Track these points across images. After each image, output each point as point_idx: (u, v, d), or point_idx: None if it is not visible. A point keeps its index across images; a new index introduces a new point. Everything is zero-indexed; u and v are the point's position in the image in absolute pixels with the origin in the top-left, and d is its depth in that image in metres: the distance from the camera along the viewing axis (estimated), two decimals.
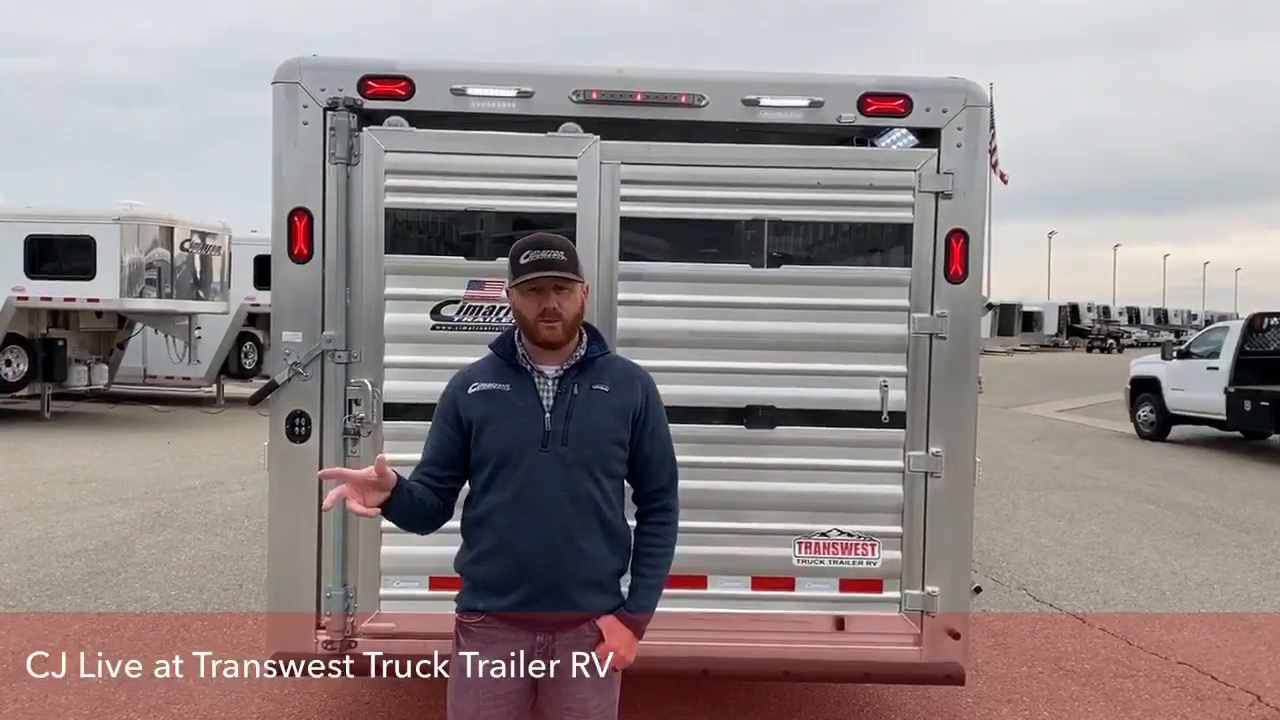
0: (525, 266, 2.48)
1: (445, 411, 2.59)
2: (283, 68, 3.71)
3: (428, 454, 2.60)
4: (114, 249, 14.34)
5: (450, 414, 2.57)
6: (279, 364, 3.73)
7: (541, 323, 2.48)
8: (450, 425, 2.56)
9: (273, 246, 3.75)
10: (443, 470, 2.57)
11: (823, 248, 3.91)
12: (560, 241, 2.55)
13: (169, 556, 7.28)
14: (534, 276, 2.46)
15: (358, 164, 3.66)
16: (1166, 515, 9.70)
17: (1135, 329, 63.27)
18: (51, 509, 8.92)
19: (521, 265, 2.49)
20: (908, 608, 3.84)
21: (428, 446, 2.61)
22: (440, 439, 2.59)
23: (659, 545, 2.63)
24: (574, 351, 2.57)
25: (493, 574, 2.49)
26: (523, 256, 2.49)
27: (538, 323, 2.49)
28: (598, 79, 3.78)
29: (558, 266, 2.48)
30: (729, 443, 3.80)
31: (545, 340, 2.51)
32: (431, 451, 2.60)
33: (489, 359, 2.62)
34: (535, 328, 2.50)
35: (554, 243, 2.53)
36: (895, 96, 3.78)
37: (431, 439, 2.61)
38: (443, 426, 2.58)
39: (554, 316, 2.48)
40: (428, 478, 2.56)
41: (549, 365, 2.55)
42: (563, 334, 2.51)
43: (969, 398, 3.84)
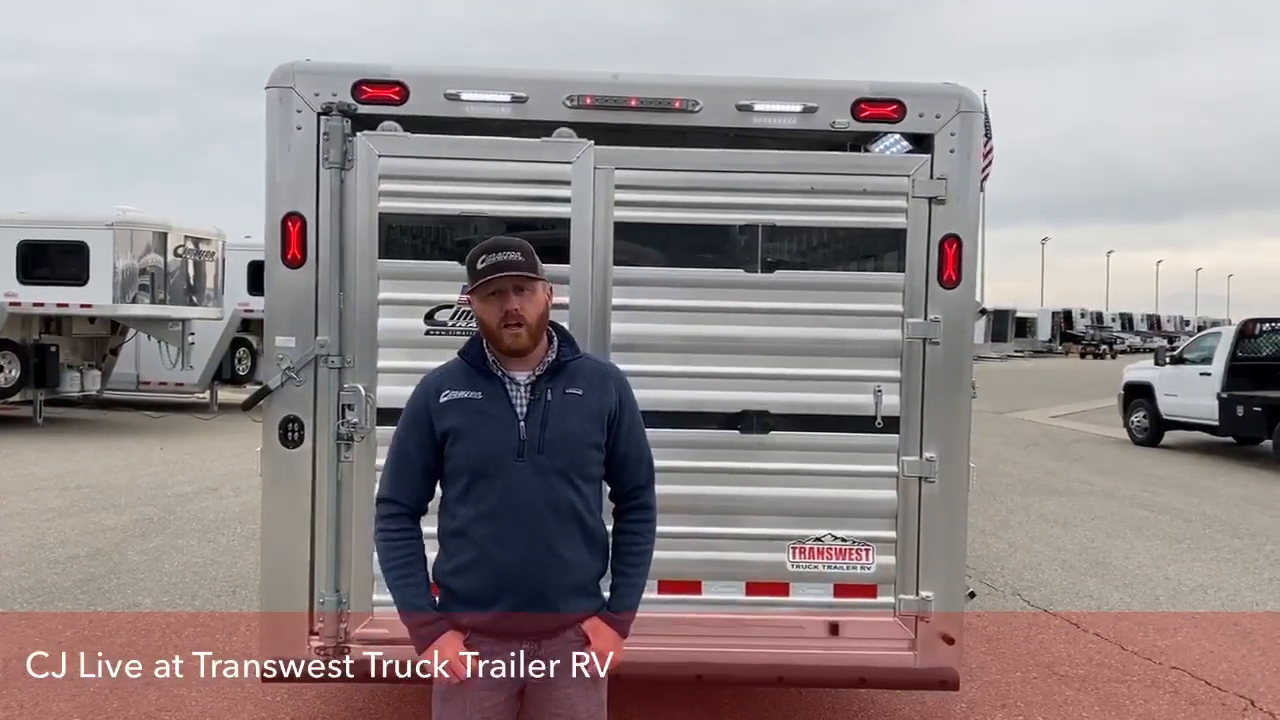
0: (482, 270, 2.44)
1: (418, 420, 2.53)
2: (276, 73, 3.71)
3: (403, 466, 2.54)
4: (107, 254, 14.30)
5: (423, 423, 2.51)
6: (272, 369, 3.72)
7: (505, 330, 2.45)
8: (424, 435, 2.51)
9: (266, 251, 3.74)
10: (423, 484, 2.55)
11: (816, 253, 3.91)
12: (516, 242, 2.51)
13: (161, 562, 7.25)
14: (492, 279, 2.43)
15: (352, 169, 3.66)
16: (1160, 520, 9.72)
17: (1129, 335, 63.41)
18: (43, 515, 8.88)
19: (479, 270, 2.45)
20: (902, 612, 3.83)
21: (401, 457, 2.55)
22: (415, 450, 2.53)
23: (639, 543, 2.63)
24: (544, 356, 2.53)
25: (474, 586, 2.46)
26: (479, 261, 2.46)
27: (501, 329, 2.45)
28: (592, 84, 3.78)
29: (515, 267, 2.44)
30: (723, 448, 3.79)
31: (510, 348, 2.47)
32: (408, 464, 2.53)
33: (459, 365, 2.56)
34: (499, 335, 2.46)
35: (510, 244, 2.50)
36: (889, 102, 3.79)
37: (404, 449, 2.55)
38: (416, 437, 2.53)
39: (517, 320, 2.44)
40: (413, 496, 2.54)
41: (520, 371, 2.51)
42: (528, 339, 2.47)
43: (963, 403, 3.85)
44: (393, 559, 2.51)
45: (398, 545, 2.52)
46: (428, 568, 2.55)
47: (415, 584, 2.50)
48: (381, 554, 2.54)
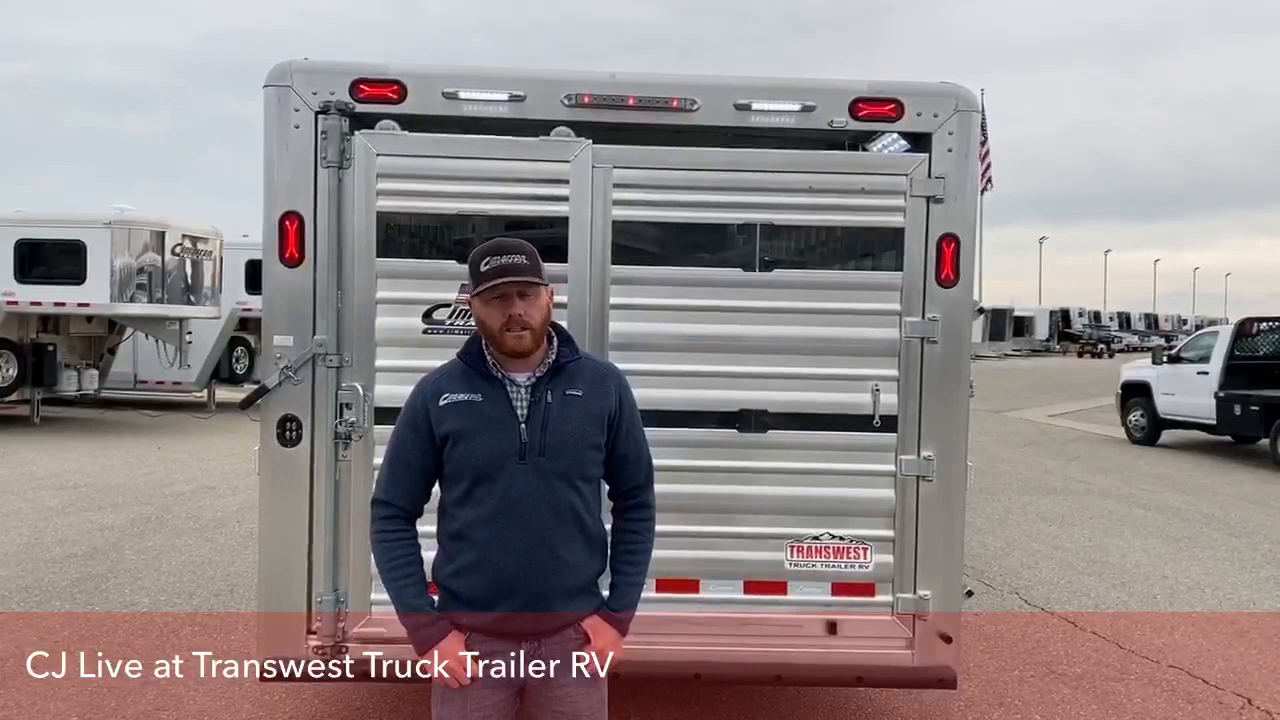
0: (486, 274, 2.42)
1: (416, 423, 2.51)
2: (274, 71, 3.71)
3: (401, 469, 2.53)
4: (104, 254, 14.28)
5: (422, 426, 2.49)
6: (270, 368, 3.71)
7: (508, 333, 2.43)
8: (423, 437, 2.50)
9: (264, 250, 3.74)
10: (420, 487, 2.54)
11: (815, 252, 3.91)
12: (520, 244, 2.48)
13: (159, 562, 7.24)
14: (496, 284, 2.40)
15: (349, 168, 3.66)
16: (1157, 519, 9.73)
17: (1126, 334, 63.47)
18: (40, 514, 8.86)
19: (482, 272, 2.42)
20: (900, 611, 3.84)
21: (398, 459, 2.53)
22: (414, 453, 2.51)
23: (639, 542, 2.63)
24: (544, 357, 2.52)
25: (475, 588, 2.45)
26: (483, 263, 2.43)
27: (504, 332, 2.43)
28: (590, 83, 3.78)
29: (520, 271, 2.41)
30: (721, 447, 3.79)
31: (513, 350, 2.46)
32: (406, 467, 2.52)
33: (458, 367, 2.54)
34: (501, 338, 2.44)
35: (514, 247, 2.46)
36: (887, 101, 3.79)
37: (402, 451, 2.53)
38: (414, 439, 2.51)
39: (521, 325, 2.42)
40: (410, 498, 2.53)
41: (520, 373, 2.50)
42: (531, 342, 2.46)
43: (961, 401, 3.85)
44: (390, 561, 2.51)
45: (394, 546, 2.51)
46: (425, 569, 2.55)
47: (413, 585, 2.50)
48: (378, 556, 2.54)
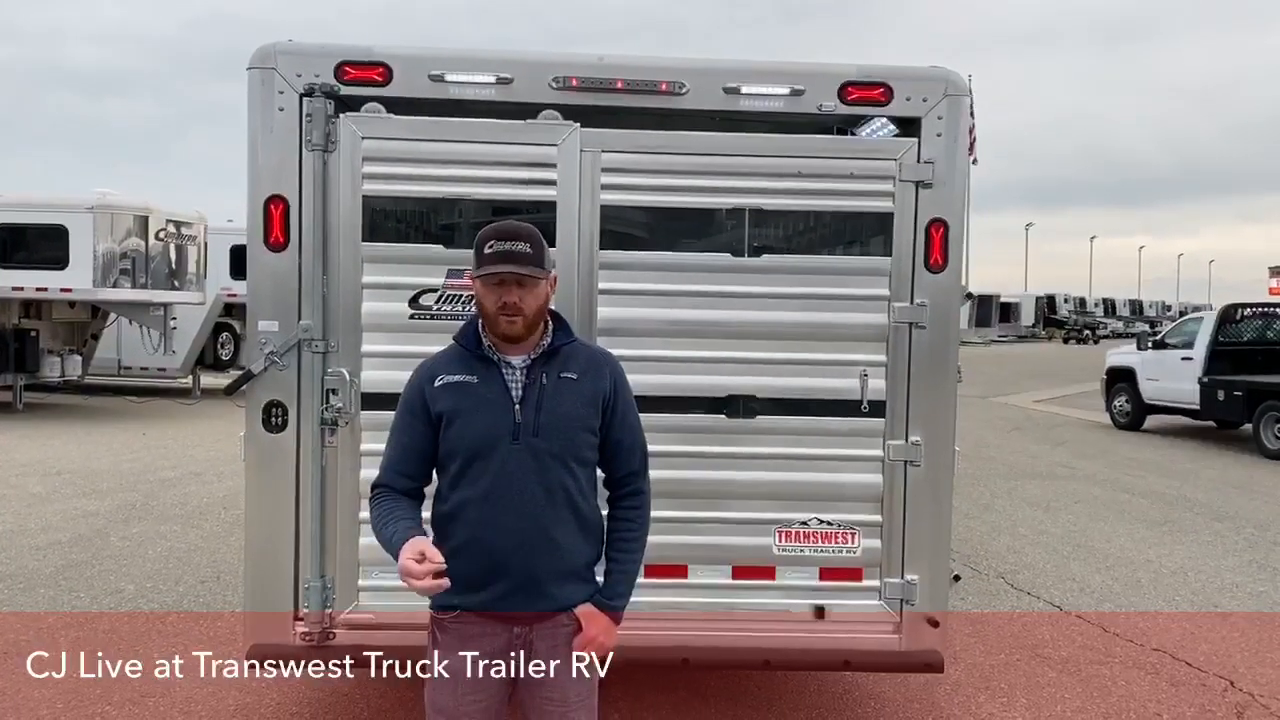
0: (489, 258, 2.42)
1: (413, 406, 2.53)
2: (258, 54, 3.66)
3: (398, 452, 2.54)
4: (87, 238, 14.15)
5: (418, 408, 2.51)
6: (255, 354, 3.68)
7: (502, 316, 2.44)
8: (420, 420, 2.51)
9: (248, 235, 3.70)
10: (418, 469, 2.54)
11: (803, 237, 3.90)
12: (527, 232, 2.47)
13: (144, 548, 7.20)
14: (495, 270, 2.41)
15: (335, 151, 3.62)
16: (1141, 504, 9.80)
17: (1111, 320, 63.78)
18: (24, 501, 8.81)
19: (485, 255, 2.43)
20: (887, 596, 3.85)
21: (396, 444, 2.56)
22: (411, 436, 2.53)
23: (633, 530, 2.62)
24: (540, 340, 2.53)
25: (467, 569, 2.44)
26: (487, 246, 2.43)
27: (498, 315, 2.44)
28: (578, 66, 3.74)
29: (521, 260, 2.41)
30: (709, 432, 3.79)
31: (505, 334, 2.47)
32: (403, 450, 2.54)
33: (454, 350, 2.57)
34: (495, 320, 2.46)
35: (520, 233, 2.45)
36: (876, 86, 3.78)
37: (401, 436, 2.56)
38: (411, 423, 2.53)
39: (514, 311, 2.43)
40: (408, 481, 2.53)
41: (515, 355, 2.51)
42: (523, 329, 2.46)
43: (948, 387, 3.85)
44: (380, 514, 2.47)
45: (384, 503, 2.49)
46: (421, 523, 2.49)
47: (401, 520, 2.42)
48: (373, 520, 2.50)
